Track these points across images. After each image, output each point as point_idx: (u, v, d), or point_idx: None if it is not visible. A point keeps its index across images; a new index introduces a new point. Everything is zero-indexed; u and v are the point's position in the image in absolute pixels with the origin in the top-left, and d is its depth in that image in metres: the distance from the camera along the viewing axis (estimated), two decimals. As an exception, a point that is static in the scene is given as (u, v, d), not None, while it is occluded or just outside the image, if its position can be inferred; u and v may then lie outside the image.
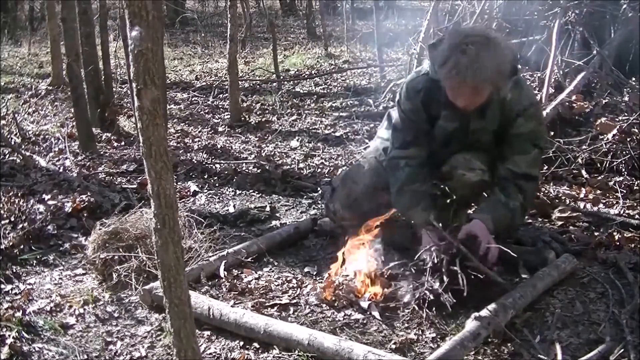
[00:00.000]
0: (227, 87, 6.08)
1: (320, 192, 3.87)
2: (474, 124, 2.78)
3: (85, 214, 3.53)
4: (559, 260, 2.72)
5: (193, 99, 6.99)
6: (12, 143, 5.00)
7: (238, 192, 4.01)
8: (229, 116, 5.96)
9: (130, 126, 5.61)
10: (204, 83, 7.73)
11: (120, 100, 6.55)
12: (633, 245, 2.95)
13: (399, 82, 3.32)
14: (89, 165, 4.61)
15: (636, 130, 3.91)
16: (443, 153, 2.88)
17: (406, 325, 2.40)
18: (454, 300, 2.40)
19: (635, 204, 3.41)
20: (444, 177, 2.88)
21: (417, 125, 2.87)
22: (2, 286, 2.81)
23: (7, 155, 4.75)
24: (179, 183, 4.13)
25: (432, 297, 2.43)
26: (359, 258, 2.72)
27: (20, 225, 3.29)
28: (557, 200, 3.46)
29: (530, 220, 3.25)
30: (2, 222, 3.32)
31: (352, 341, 2.17)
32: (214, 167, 4.52)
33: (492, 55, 2.50)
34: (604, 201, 3.48)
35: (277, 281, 2.77)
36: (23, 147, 5.02)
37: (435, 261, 2.49)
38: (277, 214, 3.61)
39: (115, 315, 2.56)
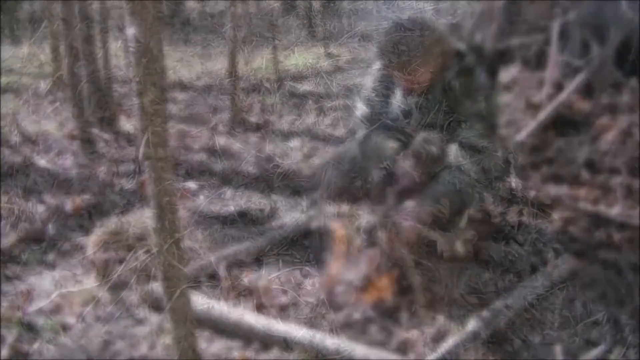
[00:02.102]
0: (227, 87, 6.08)
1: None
2: (421, 102, 2.93)
3: (85, 214, 3.53)
4: (559, 260, 2.72)
5: (193, 99, 6.99)
6: (12, 143, 5.00)
7: (238, 192, 4.01)
8: (229, 116, 5.96)
9: (130, 126, 5.61)
10: (204, 83, 7.72)
11: (120, 100, 6.54)
12: (633, 245, 2.94)
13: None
14: (89, 165, 4.60)
15: (636, 131, 3.90)
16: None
17: (406, 325, 2.40)
18: None
19: (635, 204, 3.41)
20: (414, 158, 2.93)
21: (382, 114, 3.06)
22: (2, 286, 2.81)
23: (7, 155, 4.75)
24: (179, 183, 4.13)
25: None
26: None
27: (20, 225, 3.29)
28: (557, 200, 3.46)
29: (530, 221, 3.25)
30: (2, 222, 3.32)
31: (352, 341, 2.17)
32: (214, 167, 4.52)
33: (414, 35, 2.73)
34: (604, 201, 3.48)
35: (277, 281, 2.77)
36: (23, 147, 5.02)
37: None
38: (277, 214, 3.61)
39: (115, 315, 2.56)
